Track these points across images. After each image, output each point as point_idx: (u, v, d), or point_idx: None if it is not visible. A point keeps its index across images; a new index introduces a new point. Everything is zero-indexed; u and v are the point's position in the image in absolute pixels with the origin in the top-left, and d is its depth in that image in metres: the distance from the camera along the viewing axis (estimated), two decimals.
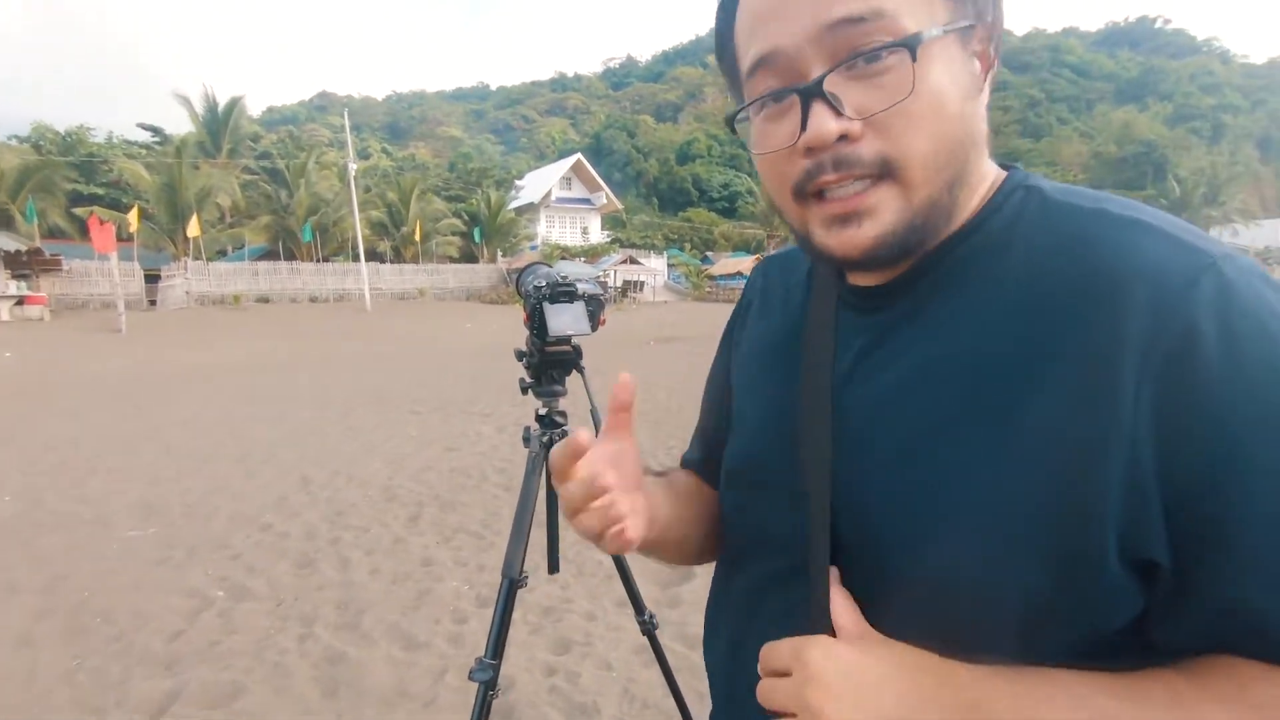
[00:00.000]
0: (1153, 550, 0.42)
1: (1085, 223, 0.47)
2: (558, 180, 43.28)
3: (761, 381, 0.67)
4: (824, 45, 0.47)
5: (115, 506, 4.60)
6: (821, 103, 0.47)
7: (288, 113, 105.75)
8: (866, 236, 0.49)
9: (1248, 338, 0.40)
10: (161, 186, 25.13)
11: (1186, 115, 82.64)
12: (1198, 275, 0.42)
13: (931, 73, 0.47)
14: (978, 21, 0.49)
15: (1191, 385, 0.40)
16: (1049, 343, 0.45)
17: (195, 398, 9.18)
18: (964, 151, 0.49)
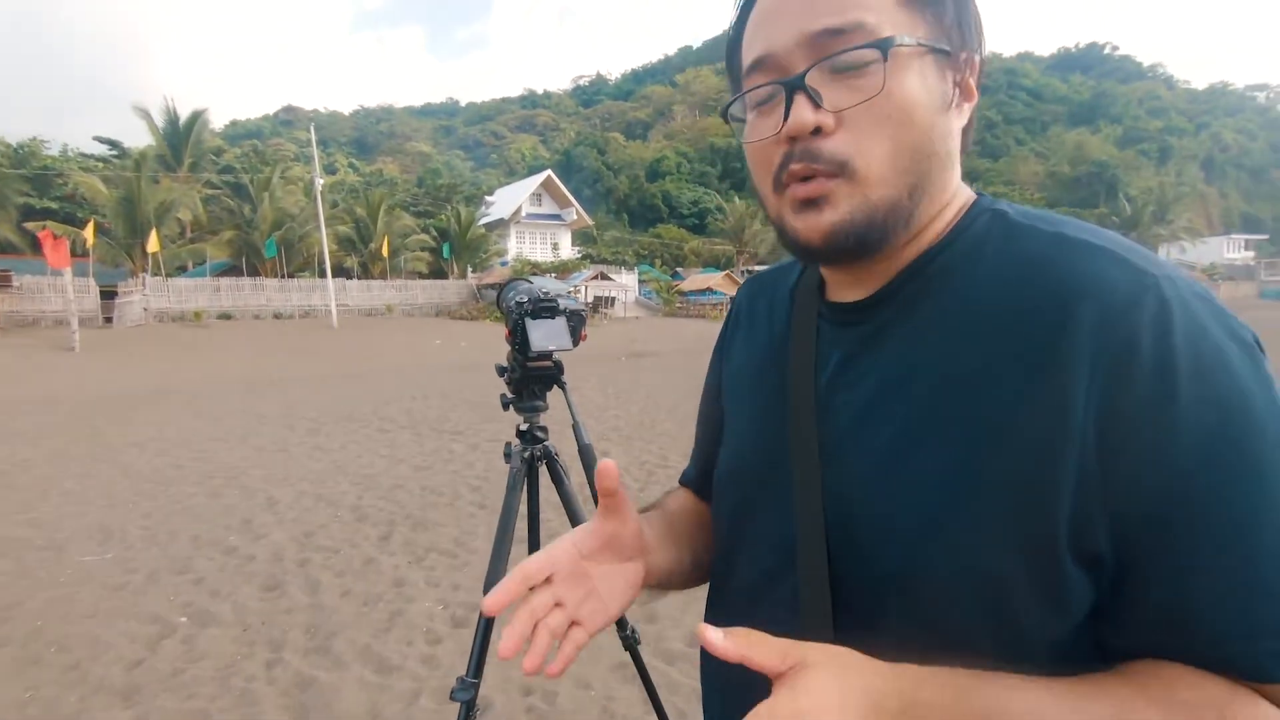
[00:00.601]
0: (1098, 543, 0.46)
1: (1043, 245, 0.51)
2: (528, 196, 43.22)
3: (749, 394, 0.70)
4: (810, 50, 0.52)
5: (70, 531, 4.43)
6: (803, 95, 0.52)
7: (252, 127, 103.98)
8: (826, 222, 0.53)
9: (1180, 353, 0.44)
10: (119, 200, 24.45)
11: (1135, 137, 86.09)
12: (1140, 294, 0.46)
13: (903, 79, 0.51)
14: (958, 50, 0.54)
15: (1129, 395, 0.44)
16: (1010, 355, 0.49)
17: (154, 417, 8.90)
18: (926, 161, 0.53)
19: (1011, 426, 0.47)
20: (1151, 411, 0.44)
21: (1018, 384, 0.48)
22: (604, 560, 0.62)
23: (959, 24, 0.55)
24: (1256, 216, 78.06)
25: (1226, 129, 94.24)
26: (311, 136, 29.51)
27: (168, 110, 31.27)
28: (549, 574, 0.59)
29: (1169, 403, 0.44)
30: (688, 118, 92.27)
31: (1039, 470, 0.46)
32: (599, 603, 0.61)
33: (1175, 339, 0.44)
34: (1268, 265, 55.89)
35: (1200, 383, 0.44)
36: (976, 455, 0.48)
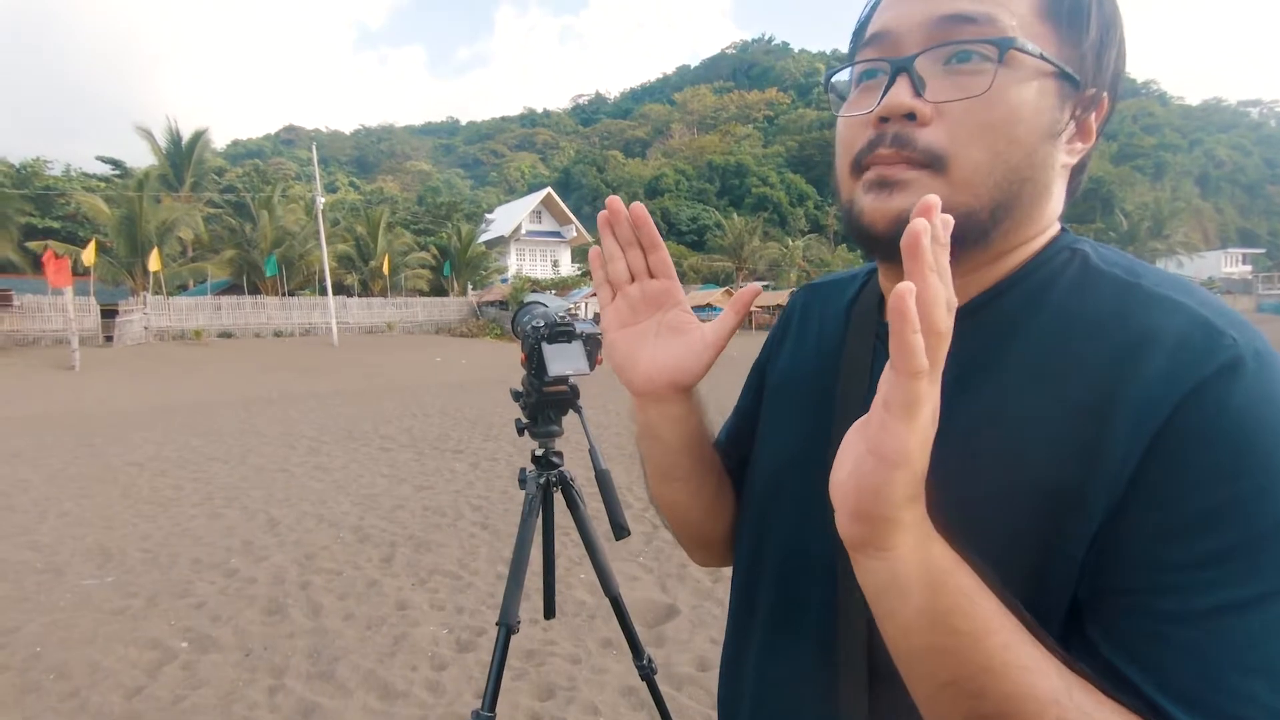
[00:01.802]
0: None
1: (1119, 296, 0.49)
2: (528, 214, 43.44)
3: (792, 406, 0.68)
4: (932, 33, 0.50)
5: (69, 554, 4.38)
6: (906, 77, 0.50)
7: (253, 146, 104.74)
8: (896, 206, 0.50)
9: (1237, 424, 0.41)
10: (121, 220, 24.53)
11: (1130, 154, 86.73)
12: (1212, 354, 0.43)
13: (1014, 90, 0.49)
14: (1085, 81, 0.51)
15: (1168, 455, 0.42)
16: (1065, 405, 0.47)
17: (155, 437, 8.86)
18: (1019, 183, 0.50)
19: (1051, 473, 0.46)
20: (1178, 488, 0.42)
21: (1067, 432, 0.46)
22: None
23: (1098, 57, 0.52)
24: (1253, 231, 78.55)
25: (1220, 145, 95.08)
26: (313, 155, 29.72)
27: (170, 130, 31.53)
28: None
29: (1200, 483, 0.41)
30: (686, 135, 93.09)
31: (1063, 520, 0.45)
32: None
33: (1236, 407, 0.41)
34: (1265, 279, 56.18)
35: (1252, 458, 0.41)
36: (1009, 505, 0.47)
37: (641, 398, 0.66)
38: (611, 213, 0.62)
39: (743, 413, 0.78)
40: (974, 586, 0.43)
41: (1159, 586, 0.42)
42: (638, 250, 0.64)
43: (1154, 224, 52.98)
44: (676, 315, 0.64)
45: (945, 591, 0.42)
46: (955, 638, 0.42)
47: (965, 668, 0.42)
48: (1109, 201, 62.13)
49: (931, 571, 0.42)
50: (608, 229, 0.63)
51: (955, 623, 0.42)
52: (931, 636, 0.43)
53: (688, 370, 0.63)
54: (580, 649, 3.01)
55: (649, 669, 1.61)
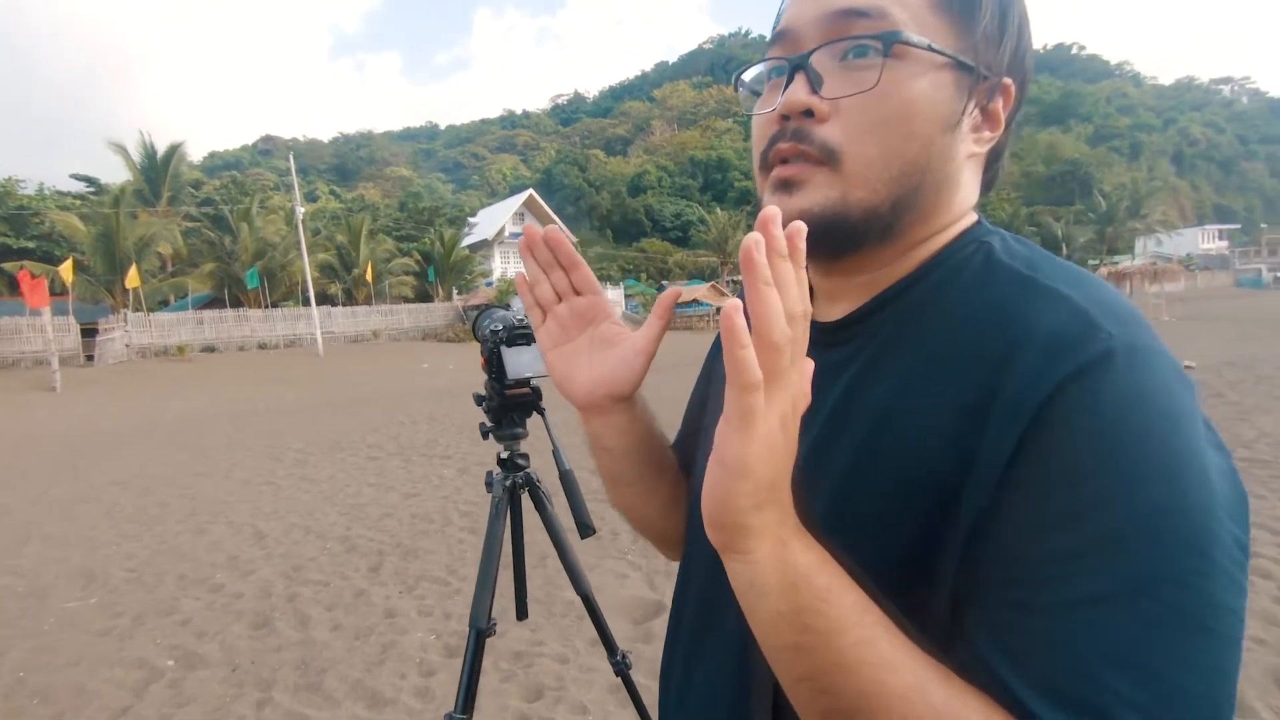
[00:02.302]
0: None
1: (1010, 289, 0.49)
2: (510, 216, 43.36)
3: (720, 408, 0.69)
4: (826, 29, 0.51)
5: (52, 576, 4.34)
6: (803, 75, 0.51)
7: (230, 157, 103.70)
8: (795, 206, 0.51)
9: (1107, 414, 0.41)
10: (98, 237, 24.25)
11: (1106, 135, 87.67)
12: (1084, 349, 0.42)
13: (906, 83, 0.49)
14: (982, 69, 0.51)
15: (1035, 453, 0.42)
16: (951, 401, 0.47)
17: (138, 455, 8.77)
18: (918, 176, 0.51)
19: (933, 469, 0.46)
20: (1042, 482, 0.42)
21: (950, 429, 0.46)
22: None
23: (995, 44, 0.52)
24: (1228, 207, 79.62)
25: (1194, 123, 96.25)
26: (291, 165, 29.47)
27: (145, 145, 31.23)
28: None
29: (1064, 473, 0.41)
30: (667, 132, 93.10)
31: (946, 513, 0.46)
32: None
33: (1101, 404, 0.41)
34: (1241, 254, 56.98)
35: (1112, 456, 0.41)
36: (899, 500, 0.48)
37: (585, 411, 0.67)
38: (528, 238, 0.64)
39: (691, 412, 0.80)
40: (833, 586, 0.44)
41: (1023, 580, 0.42)
42: (559, 271, 0.66)
43: (1132, 203, 53.54)
44: (607, 328, 0.66)
45: (800, 592, 0.43)
46: (809, 635, 0.43)
47: (818, 665, 0.43)
48: (1086, 183, 62.79)
49: (788, 574, 0.43)
50: (528, 254, 0.65)
51: (809, 621, 0.43)
52: (788, 635, 0.44)
53: (623, 380, 0.64)
54: (568, 648, 3.03)
55: (623, 664, 1.63)
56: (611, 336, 0.66)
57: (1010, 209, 53.15)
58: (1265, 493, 4.44)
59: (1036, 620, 0.41)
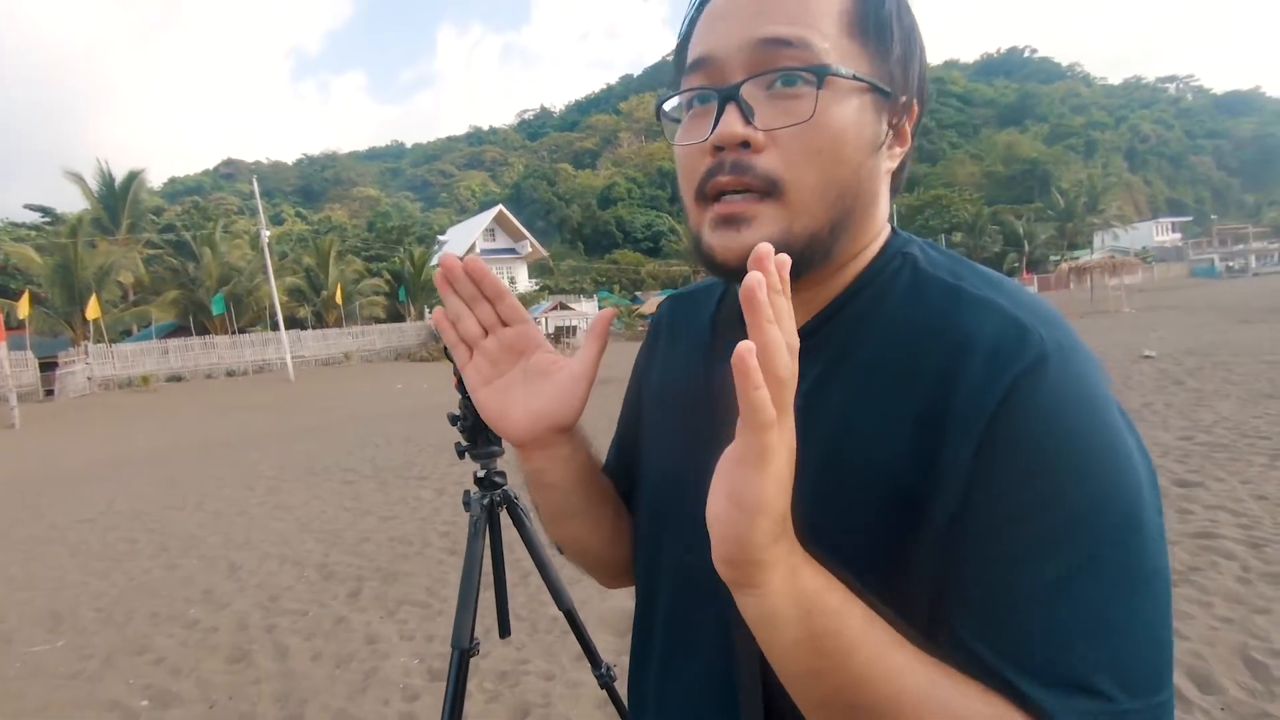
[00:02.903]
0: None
1: (942, 300, 0.53)
2: (481, 232, 43.19)
3: (669, 425, 0.69)
4: (751, 58, 0.52)
5: (16, 620, 4.20)
6: (735, 106, 0.51)
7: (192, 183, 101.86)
8: (744, 241, 0.52)
9: (1057, 403, 0.46)
10: (55, 268, 23.62)
11: (1062, 134, 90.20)
12: (1023, 355, 0.47)
13: (835, 111, 0.51)
14: (898, 93, 0.54)
15: (992, 458, 0.46)
16: (902, 412, 0.50)
17: (105, 491, 8.53)
18: (852, 199, 0.53)
19: (897, 481, 0.49)
20: (1019, 456, 0.46)
21: (907, 441, 0.49)
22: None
23: (904, 68, 0.55)
24: (1180, 200, 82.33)
25: (1144, 121, 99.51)
26: (254, 188, 29.07)
27: (102, 172, 30.51)
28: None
29: (1038, 452, 0.46)
30: (634, 144, 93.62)
31: (915, 521, 0.49)
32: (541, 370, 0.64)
33: (1041, 407, 0.46)
34: (1194, 245, 58.87)
35: (1066, 437, 0.46)
36: (869, 509, 0.51)
37: (525, 448, 0.64)
38: (447, 270, 0.60)
39: (625, 431, 0.79)
40: (842, 606, 0.45)
41: (995, 574, 0.46)
42: (484, 304, 0.62)
43: (1089, 199, 55.03)
44: (540, 358, 0.63)
45: (814, 617, 0.44)
46: (827, 659, 0.45)
47: (839, 684, 0.45)
48: (1045, 181, 64.49)
49: (801, 601, 0.44)
50: (447, 287, 0.61)
51: (824, 644, 0.44)
52: (805, 660, 0.45)
53: (565, 409, 0.62)
54: (554, 665, 3.01)
55: (608, 677, 1.63)
56: (545, 366, 0.62)
57: (973, 209, 54.33)
58: (1224, 474, 4.58)
59: (1012, 610, 0.45)
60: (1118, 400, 0.50)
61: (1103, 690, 0.43)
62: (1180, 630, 2.72)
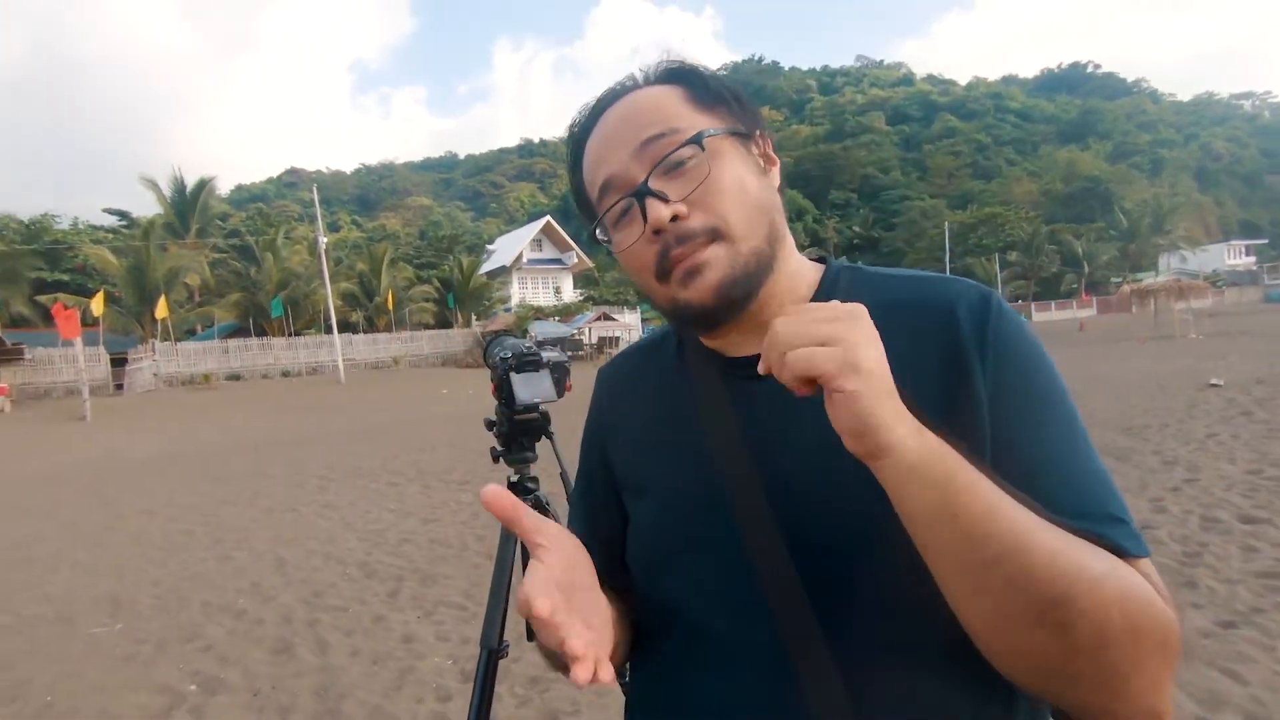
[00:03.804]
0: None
1: (909, 280, 0.69)
2: (528, 242, 43.83)
3: (663, 468, 0.71)
4: (642, 159, 0.64)
5: (80, 603, 4.43)
6: (652, 198, 0.63)
7: (257, 190, 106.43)
8: (709, 283, 0.63)
9: (1015, 328, 0.63)
10: (128, 269, 25.01)
11: (1126, 152, 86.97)
12: (985, 298, 0.64)
13: (723, 160, 0.64)
14: (751, 130, 0.68)
15: (1001, 359, 0.61)
16: (922, 351, 0.62)
17: (165, 483, 8.94)
18: (768, 213, 0.66)
19: (938, 404, 0.57)
20: (1012, 363, 0.61)
21: (935, 370, 0.61)
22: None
23: (743, 113, 0.68)
24: (1254, 222, 78.20)
25: (1216, 138, 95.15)
26: (314, 196, 30.21)
27: (175, 179, 32.24)
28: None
29: (1020, 357, 0.62)
30: None
31: (964, 434, 0.55)
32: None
33: (1009, 321, 0.63)
34: (1270, 269, 55.77)
35: (1027, 344, 0.63)
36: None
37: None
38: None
39: (595, 500, 0.80)
40: (962, 464, 0.51)
41: (1037, 452, 0.59)
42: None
43: (1154, 220, 52.87)
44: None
45: (950, 470, 0.50)
46: (974, 521, 0.49)
47: (991, 548, 0.49)
48: (1107, 200, 62.16)
49: (934, 456, 0.50)
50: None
51: (968, 504, 0.49)
52: (955, 526, 0.49)
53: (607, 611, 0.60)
54: None
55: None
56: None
57: (1030, 227, 52.76)
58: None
59: (1064, 482, 0.58)
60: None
61: (1121, 517, 0.56)
62: (1241, 674, 2.58)
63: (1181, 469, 5.45)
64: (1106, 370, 12.75)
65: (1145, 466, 5.60)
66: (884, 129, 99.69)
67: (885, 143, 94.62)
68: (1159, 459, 5.83)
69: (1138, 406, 8.44)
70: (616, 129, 0.66)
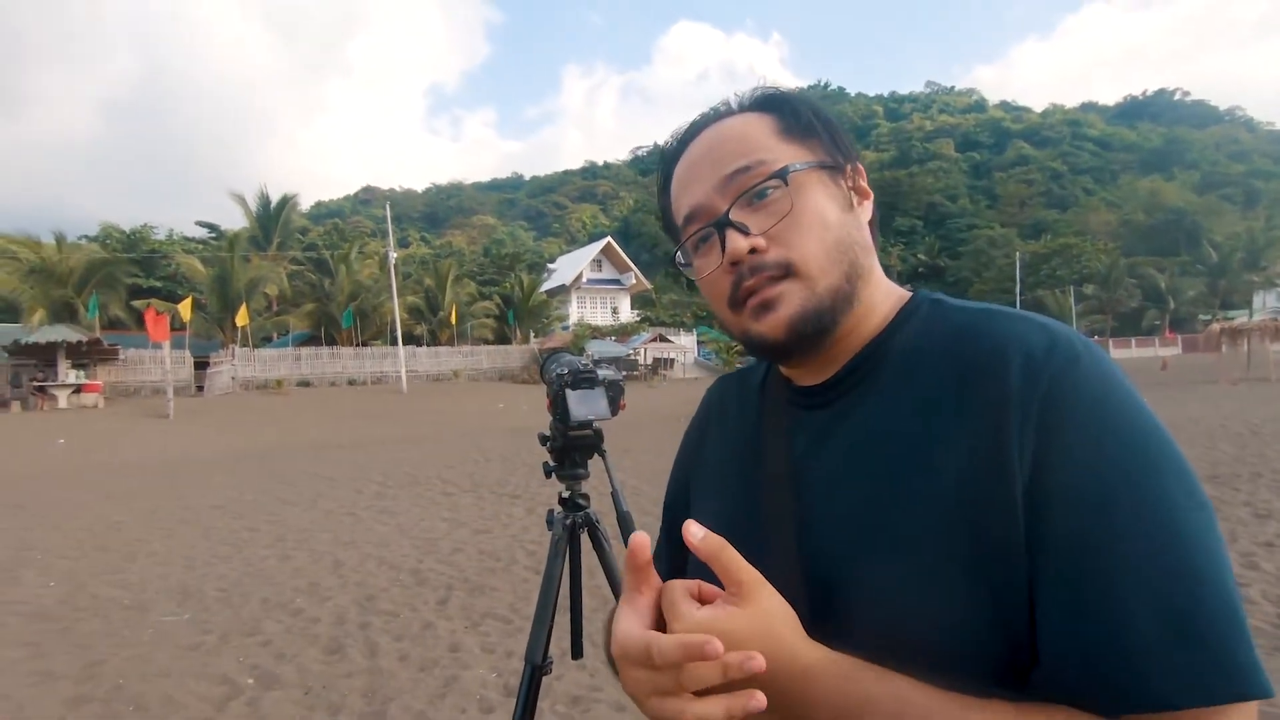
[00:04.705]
0: (1032, 570, 0.51)
1: (973, 316, 0.61)
2: (588, 262, 44.54)
3: (722, 484, 0.74)
4: (726, 191, 0.64)
5: (153, 591, 4.67)
6: (732, 229, 0.63)
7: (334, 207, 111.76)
8: (781, 318, 0.62)
9: (1093, 383, 0.52)
10: (214, 278, 26.58)
11: (1216, 182, 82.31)
12: (1054, 345, 0.54)
13: (808, 195, 0.63)
14: (842, 163, 0.66)
15: (1051, 426, 0.52)
16: (954, 409, 0.56)
17: (235, 481, 9.37)
18: (851, 250, 0.64)
19: (958, 471, 0.53)
20: (1076, 434, 0.51)
21: (960, 432, 0.54)
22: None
23: (835, 145, 0.67)
24: None
25: None
26: (387, 214, 31.53)
27: (261, 195, 34.16)
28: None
29: (1092, 426, 0.51)
30: None
31: (986, 507, 0.51)
32: None
33: (1083, 376, 0.53)
34: None
35: (1111, 409, 0.52)
36: (930, 503, 0.54)
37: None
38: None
39: (674, 520, 0.79)
40: (891, 683, 0.50)
41: (1083, 561, 0.49)
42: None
43: (1248, 254, 49.80)
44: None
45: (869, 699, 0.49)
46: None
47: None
48: (1194, 233, 58.86)
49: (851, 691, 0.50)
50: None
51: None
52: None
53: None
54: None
55: None
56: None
57: (1108, 259, 50.42)
58: None
59: (1108, 609, 0.47)
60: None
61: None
62: None
63: (1276, 522, 5.06)
64: (1192, 413, 11.98)
65: (1235, 519, 5.22)
66: (952, 155, 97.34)
67: (953, 169, 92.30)
68: (1250, 510, 5.43)
69: (1227, 453, 7.88)
70: (703, 158, 0.66)
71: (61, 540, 6.19)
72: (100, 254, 28.62)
